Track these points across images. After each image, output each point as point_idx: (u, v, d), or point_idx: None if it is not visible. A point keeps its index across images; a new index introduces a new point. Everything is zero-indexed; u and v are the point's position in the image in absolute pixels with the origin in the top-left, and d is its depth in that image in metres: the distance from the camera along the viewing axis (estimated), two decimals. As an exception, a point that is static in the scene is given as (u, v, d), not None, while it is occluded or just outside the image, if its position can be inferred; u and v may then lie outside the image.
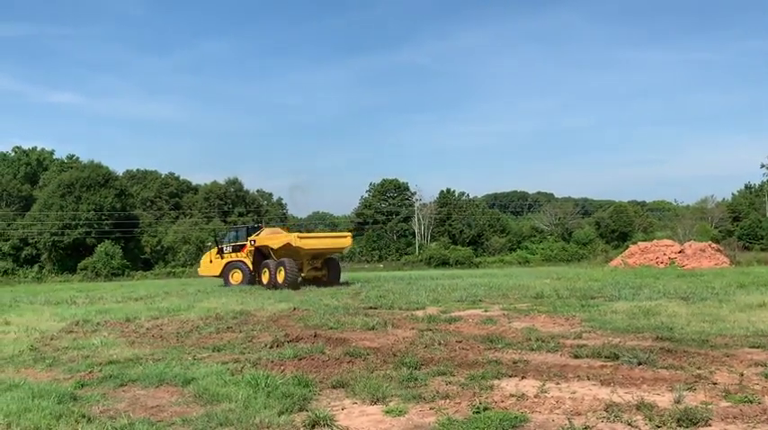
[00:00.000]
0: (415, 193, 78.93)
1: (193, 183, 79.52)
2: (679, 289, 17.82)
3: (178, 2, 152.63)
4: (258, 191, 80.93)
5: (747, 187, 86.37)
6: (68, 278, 53.92)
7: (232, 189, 74.66)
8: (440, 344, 9.57)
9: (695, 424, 5.37)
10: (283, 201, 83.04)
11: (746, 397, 6.16)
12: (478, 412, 5.83)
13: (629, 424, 5.46)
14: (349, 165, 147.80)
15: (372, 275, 38.26)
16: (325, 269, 26.46)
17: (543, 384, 6.92)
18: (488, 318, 12.67)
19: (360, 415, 6.04)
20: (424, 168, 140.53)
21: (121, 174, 71.46)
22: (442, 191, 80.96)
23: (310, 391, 6.78)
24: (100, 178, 60.98)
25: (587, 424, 5.48)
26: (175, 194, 76.35)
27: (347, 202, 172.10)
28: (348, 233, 29.37)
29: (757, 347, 8.76)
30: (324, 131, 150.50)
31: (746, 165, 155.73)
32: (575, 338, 9.97)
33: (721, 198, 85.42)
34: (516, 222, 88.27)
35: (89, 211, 58.27)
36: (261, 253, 26.27)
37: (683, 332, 10.14)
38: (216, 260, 27.82)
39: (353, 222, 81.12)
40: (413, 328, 11.56)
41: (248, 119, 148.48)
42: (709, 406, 5.88)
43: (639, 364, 7.72)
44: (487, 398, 6.36)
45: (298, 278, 24.37)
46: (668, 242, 38.60)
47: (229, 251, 27.41)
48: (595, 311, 13.37)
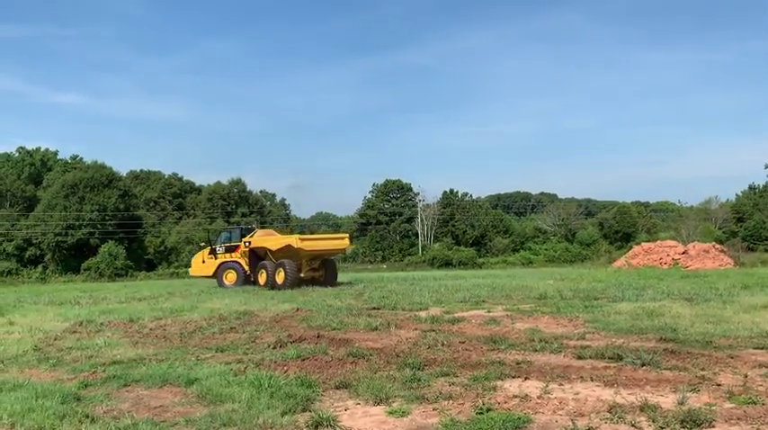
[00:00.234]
0: (418, 194, 79.08)
1: (197, 183, 79.79)
2: (683, 290, 17.77)
3: (181, 2, 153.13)
4: (261, 191, 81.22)
5: (751, 188, 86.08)
6: (72, 278, 54.07)
7: (235, 189, 74.79)
8: (443, 344, 9.57)
9: (699, 425, 5.36)
10: (286, 201, 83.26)
11: (750, 398, 6.14)
12: (481, 413, 5.83)
13: (632, 425, 5.46)
14: (352, 165, 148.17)
15: (375, 276, 38.26)
16: (322, 270, 26.73)
17: (546, 385, 6.91)
18: (491, 319, 12.66)
19: (363, 415, 6.04)
20: (428, 169, 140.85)
21: (125, 174, 71.80)
22: (445, 191, 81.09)
23: (313, 392, 6.79)
24: (103, 179, 61.15)
25: (591, 425, 5.48)
26: (179, 195, 76.49)
27: (350, 203, 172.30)
28: (346, 235, 29.60)
29: (761, 348, 8.75)
30: (327, 132, 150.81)
31: (750, 165, 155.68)
32: (578, 339, 9.95)
33: (725, 199, 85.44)
34: (519, 223, 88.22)
35: (93, 212, 58.43)
36: (256, 254, 26.56)
37: (687, 333, 10.12)
38: (209, 260, 27.57)
39: (356, 223, 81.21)
40: (416, 329, 11.55)
41: (251, 119, 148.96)
42: (712, 407, 5.87)
43: (643, 365, 7.71)
44: (490, 399, 6.35)
45: (297, 279, 24.50)
46: (672, 243, 38.47)
47: (222, 252, 27.28)
48: (599, 312, 13.35)
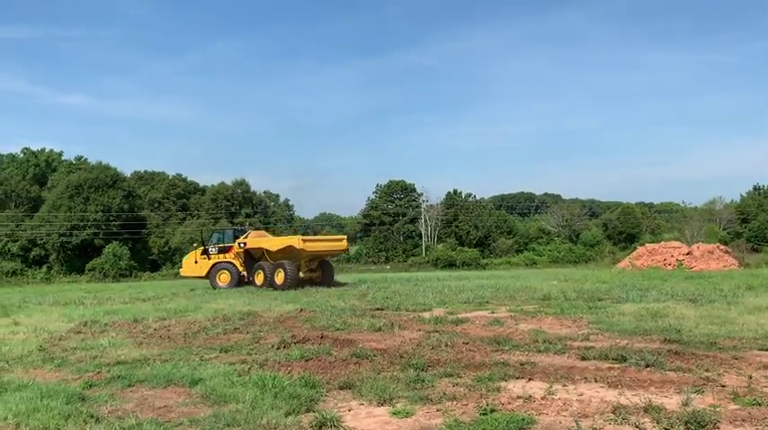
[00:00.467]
0: (422, 195, 78.99)
1: (201, 184, 79.74)
2: (687, 291, 17.73)
3: (185, 3, 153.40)
4: (265, 192, 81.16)
5: (756, 188, 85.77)
6: (76, 279, 54.20)
7: (239, 190, 74.83)
8: (447, 345, 9.57)
9: (703, 426, 5.35)
10: (290, 202, 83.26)
11: (755, 399, 6.13)
12: (485, 414, 5.83)
13: (636, 426, 5.45)
14: (355, 166, 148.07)
15: (379, 277, 38.26)
16: (319, 271, 27.12)
17: (550, 386, 6.91)
18: (495, 320, 12.66)
19: (367, 416, 6.05)
20: (431, 169, 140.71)
21: (129, 175, 71.79)
22: (449, 192, 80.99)
23: (317, 392, 6.80)
24: (108, 179, 61.27)
25: (595, 426, 5.47)
26: (183, 195, 76.55)
27: (354, 204, 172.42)
28: (344, 236, 30.11)
29: (766, 350, 8.73)
30: (330, 132, 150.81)
31: (755, 166, 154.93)
32: (582, 340, 9.94)
33: (729, 199, 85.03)
34: (523, 224, 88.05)
35: (97, 212, 58.54)
36: (250, 255, 26.89)
37: (692, 334, 10.10)
38: (201, 261, 27.50)
39: (360, 223, 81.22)
40: (419, 330, 11.55)
41: (255, 120, 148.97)
42: (717, 408, 5.86)
43: (647, 367, 7.69)
44: (494, 399, 6.35)
45: (297, 279, 24.70)
46: (676, 244, 38.39)
47: (215, 252, 27.31)
48: (603, 313, 13.33)
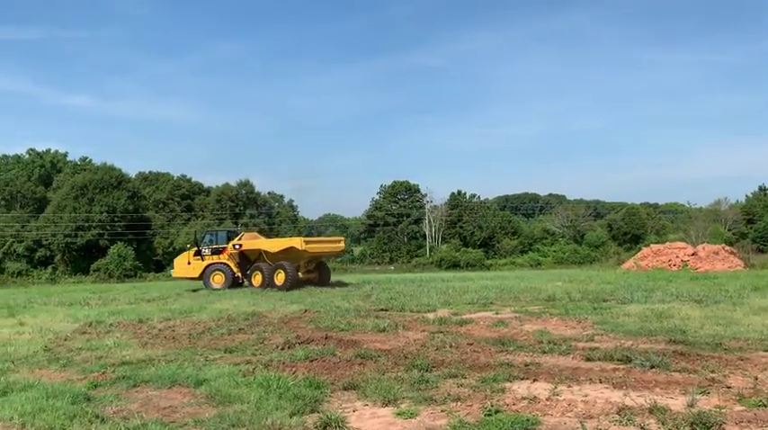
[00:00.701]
0: (426, 195, 78.87)
1: (205, 184, 79.79)
2: (692, 292, 17.68)
3: (189, 4, 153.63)
4: (269, 193, 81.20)
5: (761, 189, 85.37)
6: (81, 279, 54.33)
7: (243, 191, 74.90)
8: (451, 346, 9.56)
9: (709, 428, 5.33)
10: (294, 202, 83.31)
11: (761, 401, 6.11)
12: (490, 415, 5.82)
13: (641, 427, 5.44)
14: (360, 166, 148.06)
15: (383, 277, 38.25)
16: (316, 272, 27.42)
17: (555, 387, 6.90)
18: (500, 321, 12.64)
19: (371, 417, 6.05)
20: (435, 170, 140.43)
21: (134, 176, 71.92)
22: (453, 192, 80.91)
23: (322, 393, 6.80)
24: (113, 180, 61.42)
25: (600, 427, 5.46)
26: (187, 196, 76.66)
27: (358, 204, 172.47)
28: (342, 238, 30.61)
29: (772, 351, 8.69)
30: (335, 133, 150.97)
31: (760, 166, 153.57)
32: (587, 341, 9.92)
33: (735, 200, 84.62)
34: (528, 224, 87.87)
35: (102, 213, 58.69)
36: (244, 256, 27.06)
37: (697, 335, 10.07)
38: (195, 262, 27.43)
39: (364, 224, 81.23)
40: (424, 331, 11.55)
41: (260, 121, 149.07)
42: (722, 410, 5.84)
43: (652, 367, 7.68)
44: (499, 400, 6.34)
45: (297, 280, 24.83)
46: (681, 244, 38.28)
47: (209, 254, 27.28)
48: (608, 314, 13.30)
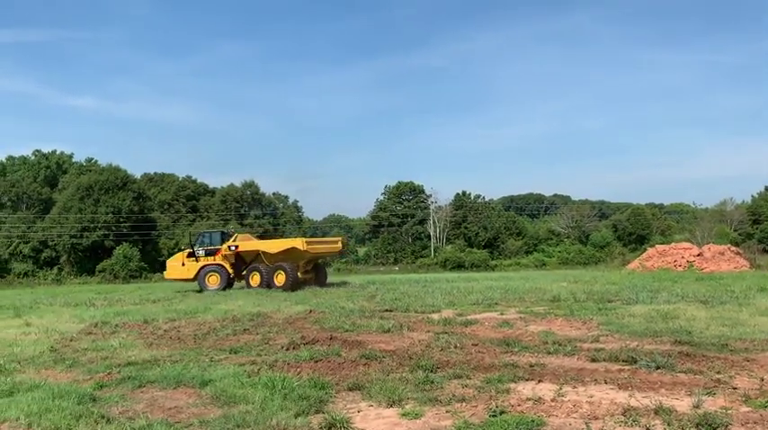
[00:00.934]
0: (431, 196, 78.89)
1: (210, 185, 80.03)
2: (698, 292, 17.62)
3: (192, 6, 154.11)
4: (274, 193, 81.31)
5: (767, 189, 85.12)
6: (87, 280, 54.52)
7: (248, 192, 75.04)
8: (456, 347, 9.56)
9: (715, 429, 5.31)
10: (299, 203, 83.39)
11: (767, 402, 6.08)
12: (495, 415, 5.82)
13: (647, 428, 5.42)
14: (364, 167, 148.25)
15: (388, 278, 38.25)
16: (313, 272, 27.69)
17: (560, 388, 6.88)
18: (504, 322, 12.63)
19: (376, 417, 6.05)
20: (440, 170, 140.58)
21: (139, 176, 72.10)
22: (458, 193, 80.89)
23: (326, 393, 6.80)
24: (118, 181, 61.60)
25: (605, 428, 5.45)
26: (192, 197, 76.83)
27: (362, 205, 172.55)
28: (339, 238, 30.85)
29: (778, 352, 8.65)
30: (338, 134, 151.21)
31: (766, 166, 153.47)
32: (592, 342, 9.90)
33: (741, 200, 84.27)
34: (532, 225, 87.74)
35: (107, 214, 58.88)
36: (240, 257, 27.11)
37: (702, 336, 10.04)
38: (189, 263, 27.39)
39: (369, 225, 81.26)
40: (428, 331, 11.54)
41: (263, 121, 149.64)
42: (728, 411, 5.82)
43: (658, 368, 7.65)
44: (504, 401, 6.34)
45: (297, 280, 24.96)
46: (687, 245, 38.16)
47: (203, 255, 27.27)
48: (613, 315, 13.27)
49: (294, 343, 10.13)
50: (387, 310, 15.58)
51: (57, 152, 76.95)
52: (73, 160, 77.06)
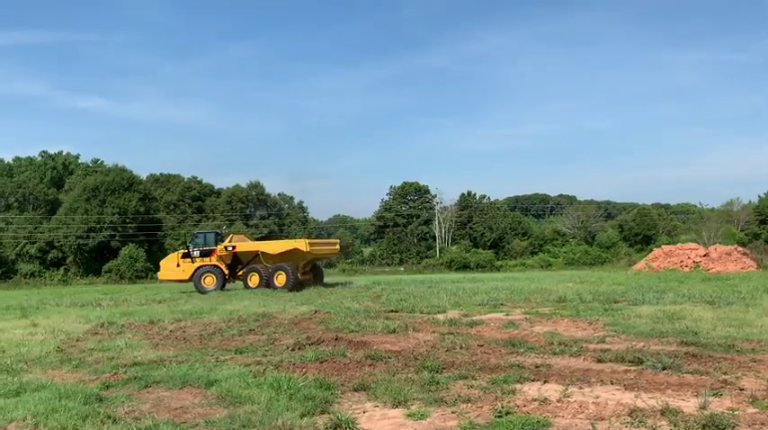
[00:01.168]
0: (436, 196, 78.85)
1: (216, 186, 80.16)
2: (704, 293, 17.55)
3: (201, 8, 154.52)
4: (280, 194, 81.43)
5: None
6: (93, 280, 54.67)
7: (254, 192, 75.19)
8: (461, 347, 9.55)
9: (721, 430, 5.29)
10: (304, 204, 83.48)
11: (774, 403, 6.05)
12: (500, 416, 5.81)
13: (653, 429, 5.40)
14: (369, 167, 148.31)
15: (393, 278, 38.22)
16: (311, 273, 27.93)
17: (566, 389, 6.87)
18: (510, 322, 12.60)
19: (381, 418, 6.05)
20: (445, 171, 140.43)
21: (145, 177, 72.41)
22: (463, 194, 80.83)
23: (332, 394, 6.81)
24: (124, 182, 61.84)
25: (611, 429, 5.43)
26: (198, 198, 77.00)
27: (367, 205, 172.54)
28: (338, 240, 31.48)
29: (785, 353, 8.61)
30: (344, 134, 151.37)
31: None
32: (598, 342, 9.87)
33: (747, 200, 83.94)
34: (538, 225, 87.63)
35: (113, 215, 59.12)
36: (236, 258, 27.26)
37: (709, 336, 10.00)
38: (184, 264, 27.28)
39: (374, 225, 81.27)
40: (434, 332, 11.53)
41: (270, 122, 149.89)
42: (735, 412, 5.80)
43: (664, 369, 7.62)
44: (509, 402, 6.33)
45: (298, 281, 25.06)
46: (693, 245, 37.98)
47: (198, 256, 27.15)
48: (619, 315, 13.23)
49: (299, 343, 10.13)
50: (392, 311, 15.57)
51: (63, 153, 77.35)
52: (79, 161, 77.41)
